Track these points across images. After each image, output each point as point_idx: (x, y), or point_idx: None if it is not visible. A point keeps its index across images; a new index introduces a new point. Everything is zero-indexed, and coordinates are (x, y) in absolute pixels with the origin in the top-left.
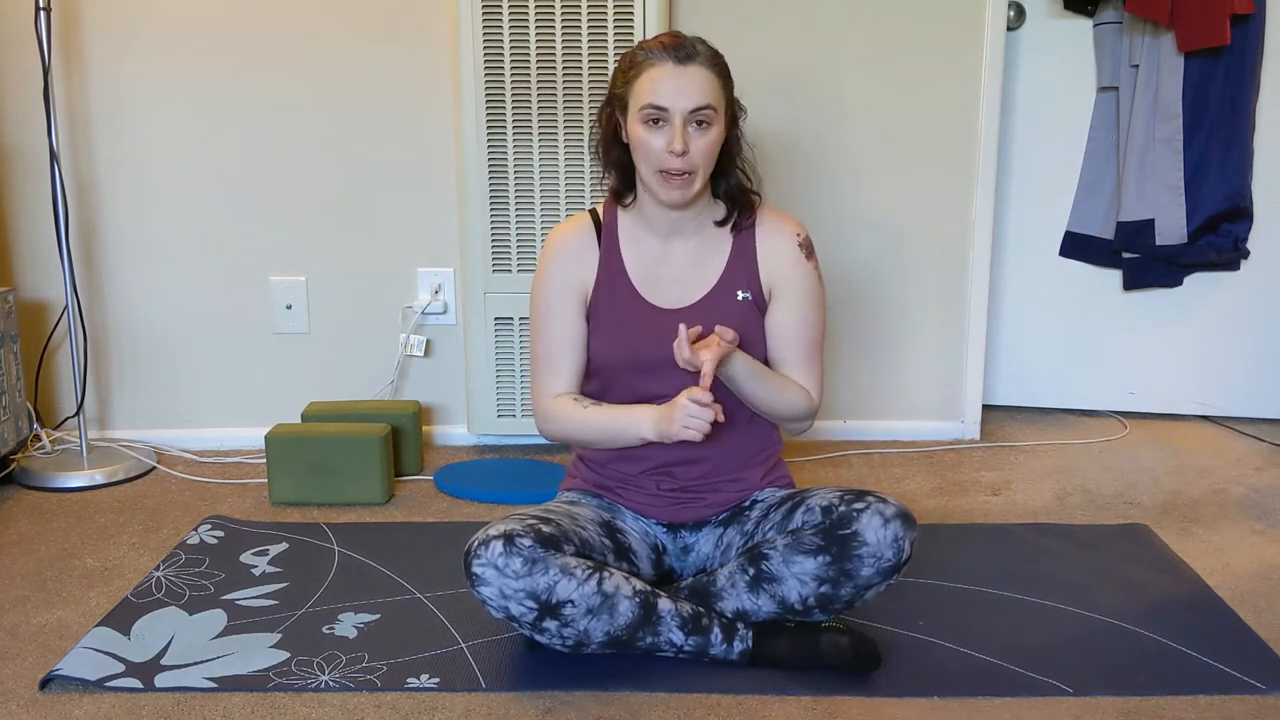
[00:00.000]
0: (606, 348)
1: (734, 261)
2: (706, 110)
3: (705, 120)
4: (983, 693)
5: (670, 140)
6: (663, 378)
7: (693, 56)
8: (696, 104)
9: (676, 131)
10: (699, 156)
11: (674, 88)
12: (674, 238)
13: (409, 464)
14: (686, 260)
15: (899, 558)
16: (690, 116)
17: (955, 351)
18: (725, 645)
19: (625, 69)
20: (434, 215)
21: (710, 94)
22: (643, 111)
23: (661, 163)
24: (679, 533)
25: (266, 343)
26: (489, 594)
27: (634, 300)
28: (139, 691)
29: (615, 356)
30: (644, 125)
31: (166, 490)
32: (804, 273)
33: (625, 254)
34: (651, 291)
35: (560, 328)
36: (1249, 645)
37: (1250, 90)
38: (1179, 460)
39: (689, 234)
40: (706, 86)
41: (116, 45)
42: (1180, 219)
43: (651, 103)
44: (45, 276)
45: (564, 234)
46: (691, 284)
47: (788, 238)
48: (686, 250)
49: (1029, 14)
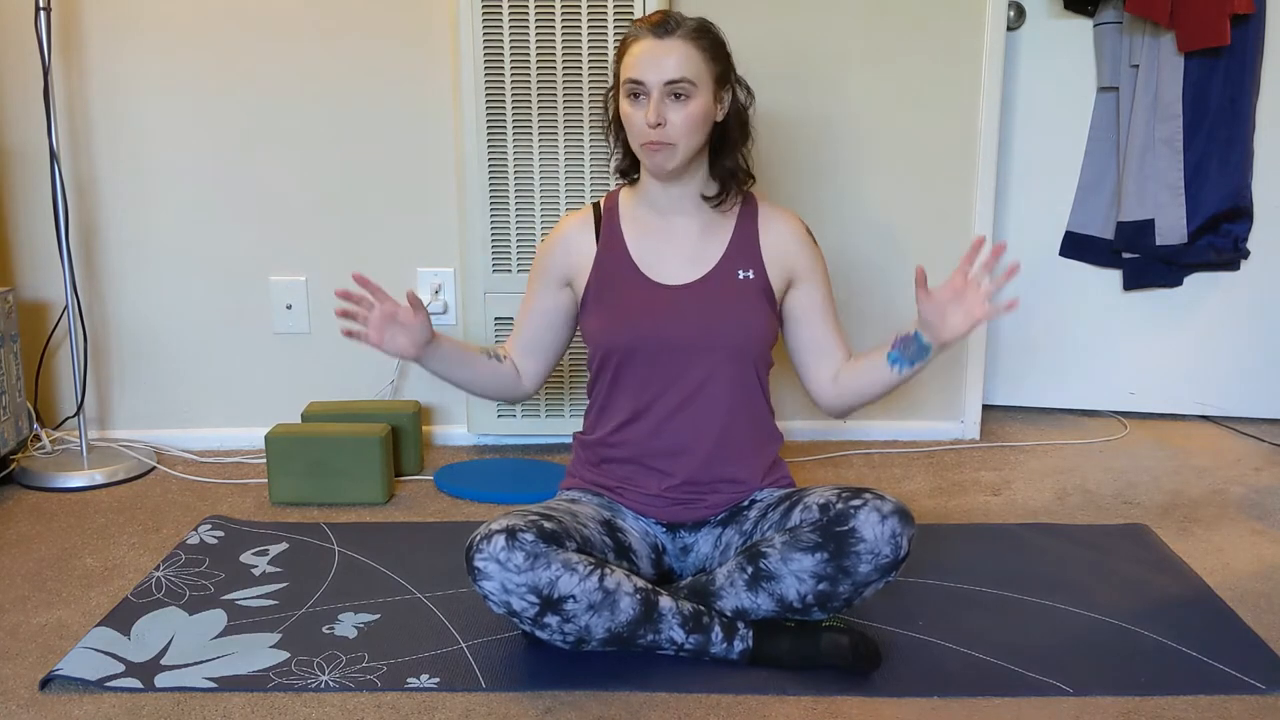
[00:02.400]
0: (608, 328)
1: (736, 243)
2: (682, 83)
3: (682, 93)
4: (983, 693)
5: (647, 112)
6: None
7: (672, 30)
8: (671, 76)
9: (651, 103)
10: (676, 129)
11: (651, 61)
12: (676, 215)
13: (409, 464)
14: (689, 238)
15: (897, 554)
16: (666, 89)
17: (955, 351)
18: (726, 644)
19: (620, 48)
20: (434, 215)
21: (687, 67)
22: (625, 86)
23: (642, 135)
24: (678, 533)
25: (266, 343)
26: (491, 588)
27: (634, 277)
28: (139, 691)
29: (618, 337)
30: (627, 100)
31: (166, 490)
32: (817, 256)
33: (627, 234)
34: (652, 268)
35: (527, 304)
36: (1249, 645)
37: (1250, 90)
38: (1179, 460)
39: (690, 212)
40: (684, 59)
41: (116, 45)
42: (1180, 219)
43: (629, 76)
44: (45, 276)
45: (564, 224)
46: (693, 262)
47: (793, 224)
48: (690, 229)
49: (1029, 14)
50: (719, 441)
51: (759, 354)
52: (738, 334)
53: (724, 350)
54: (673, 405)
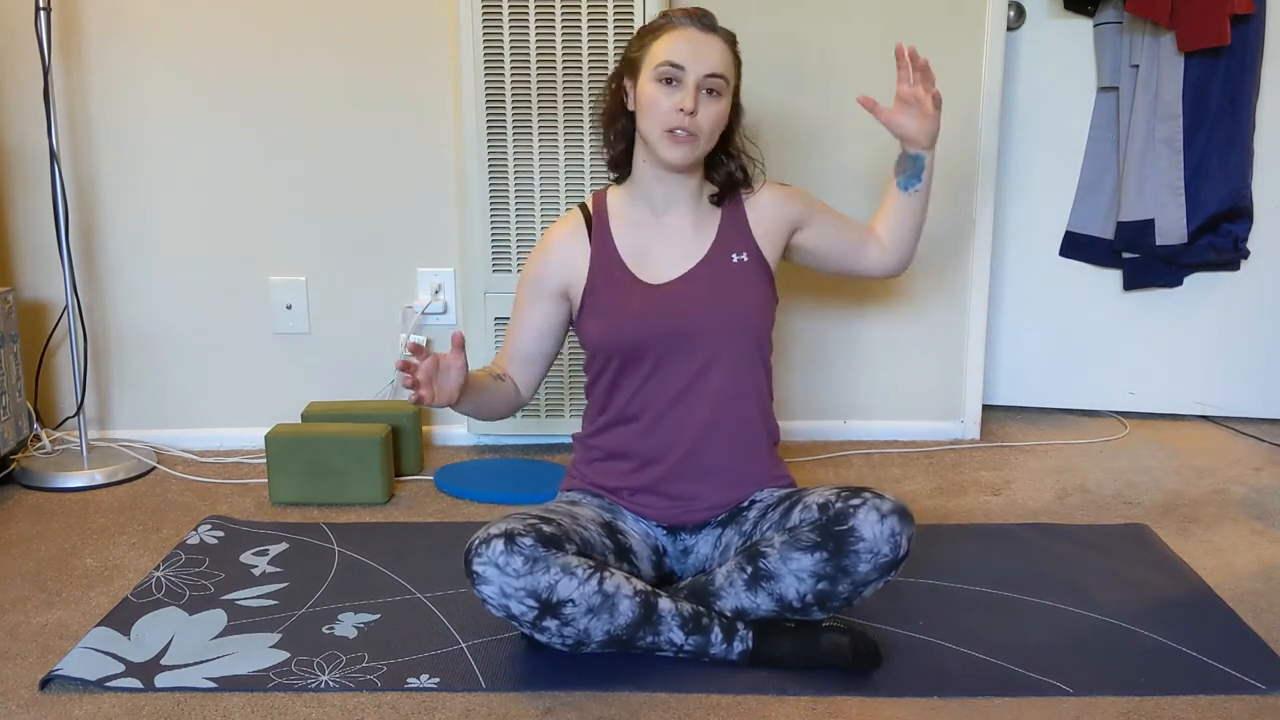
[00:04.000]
0: (605, 332)
1: (725, 229)
2: (719, 79)
3: (716, 90)
4: (983, 693)
5: (682, 99)
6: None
7: (714, 28)
8: (712, 69)
9: (689, 90)
10: (705, 123)
11: (693, 50)
12: (668, 212)
13: (409, 464)
14: (680, 234)
15: (896, 554)
16: (704, 81)
17: (955, 351)
18: (725, 645)
19: (645, 33)
20: (434, 215)
21: (725, 65)
22: (658, 69)
23: (670, 121)
24: (679, 535)
25: (266, 343)
26: (490, 593)
27: (627, 279)
28: (139, 691)
29: (615, 341)
30: (657, 83)
31: (166, 490)
32: (798, 194)
33: (616, 235)
34: (642, 268)
35: (521, 318)
36: (1249, 645)
37: (1250, 90)
38: (1179, 460)
39: (684, 209)
40: (723, 57)
41: (116, 45)
42: (1180, 219)
43: (669, 60)
44: (45, 276)
45: (554, 232)
46: (684, 255)
47: (771, 190)
48: (681, 225)
49: (1029, 14)
50: (719, 429)
51: (759, 334)
52: (735, 315)
53: (723, 334)
54: (672, 399)
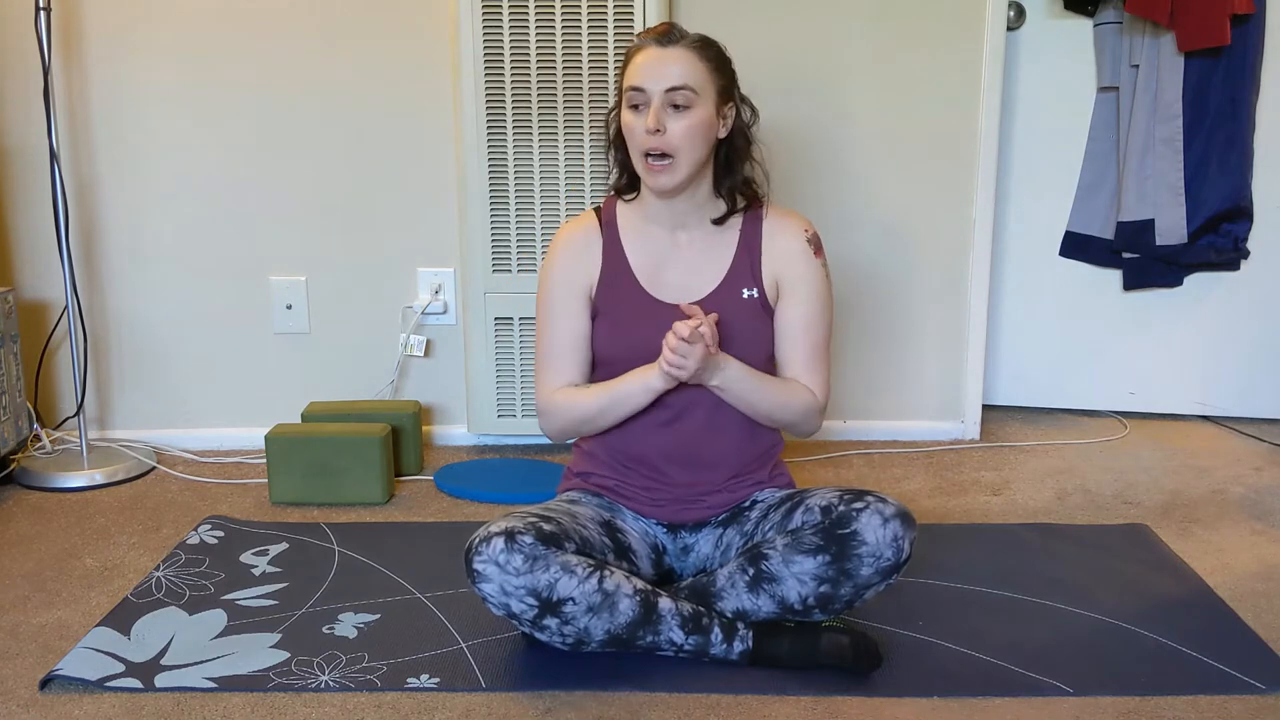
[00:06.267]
0: (611, 341)
1: (740, 258)
2: (683, 91)
3: (683, 103)
4: (983, 693)
5: (647, 120)
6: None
7: (675, 40)
8: (672, 84)
9: (651, 110)
10: (677, 138)
11: (650, 69)
12: (679, 231)
13: (409, 464)
14: (693, 254)
15: (898, 557)
16: (667, 97)
17: (955, 351)
18: (725, 645)
19: (625, 60)
20: (434, 215)
21: (689, 75)
22: (627, 96)
23: (643, 144)
24: (679, 533)
25: (266, 343)
26: (490, 591)
27: (638, 294)
28: (139, 691)
29: (620, 350)
30: (629, 110)
31: (166, 490)
32: (812, 269)
33: (628, 248)
34: (655, 285)
35: (563, 326)
36: (1249, 645)
37: (1250, 90)
38: (1179, 460)
39: (693, 227)
40: (686, 67)
41: (116, 45)
42: (1180, 219)
43: (631, 84)
44: (45, 276)
45: (568, 231)
46: (697, 279)
47: (795, 234)
48: (693, 243)
49: (1029, 14)
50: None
51: (763, 366)
52: (740, 354)
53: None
54: (673, 413)
